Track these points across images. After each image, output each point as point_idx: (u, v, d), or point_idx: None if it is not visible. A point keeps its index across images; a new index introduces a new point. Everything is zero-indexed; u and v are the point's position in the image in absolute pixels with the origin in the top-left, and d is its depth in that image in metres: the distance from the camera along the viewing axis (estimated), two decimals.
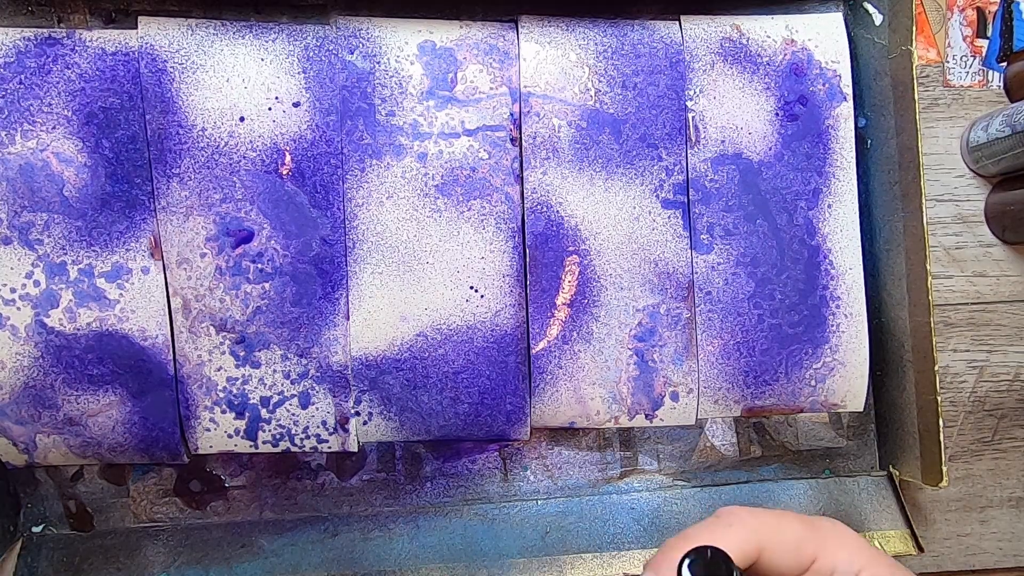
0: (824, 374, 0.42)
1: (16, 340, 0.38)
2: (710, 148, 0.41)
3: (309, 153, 0.39)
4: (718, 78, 0.41)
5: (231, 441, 0.40)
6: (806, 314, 0.41)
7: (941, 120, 0.45)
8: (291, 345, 0.39)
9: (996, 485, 0.45)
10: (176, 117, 0.38)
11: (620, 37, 0.41)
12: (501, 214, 0.40)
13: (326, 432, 0.40)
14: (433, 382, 0.40)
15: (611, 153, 0.40)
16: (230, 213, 0.39)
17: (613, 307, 0.41)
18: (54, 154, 0.38)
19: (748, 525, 0.26)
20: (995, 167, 0.43)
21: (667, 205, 0.41)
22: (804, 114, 0.41)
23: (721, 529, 0.26)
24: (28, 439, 0.39)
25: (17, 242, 0.38)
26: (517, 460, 0.43)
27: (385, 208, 0.40)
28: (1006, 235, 0.45)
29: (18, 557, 0.40)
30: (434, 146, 0.40)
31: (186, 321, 0.39)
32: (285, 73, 0.39)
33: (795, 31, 0.42)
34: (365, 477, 0.43)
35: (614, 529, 0.42)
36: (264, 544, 0.41)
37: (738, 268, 0.41)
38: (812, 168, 0.41)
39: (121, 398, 0.39)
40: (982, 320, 0.45)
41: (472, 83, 0.40)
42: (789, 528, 0.27)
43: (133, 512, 0.42)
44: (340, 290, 0.39)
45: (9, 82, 0.37)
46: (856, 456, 0.45)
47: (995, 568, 0.45)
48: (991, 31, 0.45)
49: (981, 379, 0.45)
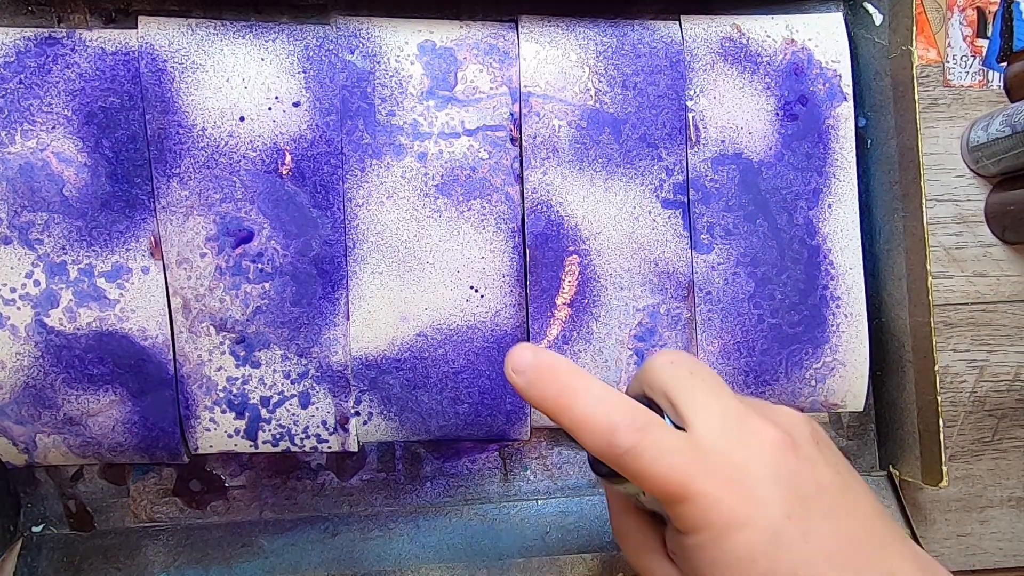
0: (824, 374, 0.42)
1: (16, 340, 0.38)
2: (710, 148, 0.41)
3: (309, 153, 0.39)
4: (718, 78, 0.41)
5: (231, 441, 0.40)
6: (806, 314, 0.41)
7: (941, 120, 0.45)
8: (291, 345, 0.39)
9: (996, 485, 0.45)
10: (176, 117, 0.38)
11: (620, 37, 0.41)
12: (501, 214, 0.40)
13: (326, 432, 0.40)
14: (433, 382, 0.40)
15: (611, 153, 0.40)
16: (230, 213, 0.39)
17: (613, 307, 0.41)
18: (54, 154, 0.38)
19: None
20: (995, 167, 0.43)
21: (667, 205, 0.41)
22: (804, 114, 0.41)
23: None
24: (28, 439, 0.39)
25: (17, 242, 0.38)
26: (517, 460, 0.43)
27: (385, 208, 0.40)
28: (1006, 235, 0.45)
29: (18, 557, 0.40)
30: (434, 146, 0.40)
31: (186, 321, 0.39)
32: (285, 73, 0.39)
33: (795, 31, 0.42)
34: (365, 477, 0.43)
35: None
36: (264, 544, 0.41)
37: (738, 268, 0.41)
38: (812, 168, 0.41)
39: (121, 398, 0.39)
40: (982, 320, 0.45)
41: (472, 83, 0.40)
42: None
43: (133, 512, 0.42)
44: (340, 290, 0.39)
45: (9, 82, 0.37)
46: (856, 456, 0.45)
47: (995, 568, 0.45)
48: (991, 31, 0.45)
49: (981, 379, 0.45)
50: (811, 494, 0.26)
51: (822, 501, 0.26)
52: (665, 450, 0.26)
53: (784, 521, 0.25)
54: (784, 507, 0.26)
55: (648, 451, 0.26)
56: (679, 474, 0.26)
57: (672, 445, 0.26)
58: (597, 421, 0.27)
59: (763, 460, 0.26)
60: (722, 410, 0.27)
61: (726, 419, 0.27)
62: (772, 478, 0.26)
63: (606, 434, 0.26)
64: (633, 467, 0.26)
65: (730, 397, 0.28)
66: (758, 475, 0.26)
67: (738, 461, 0.26)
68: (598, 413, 0.27)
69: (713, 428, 0.27)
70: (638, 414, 0.27)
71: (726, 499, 0.25)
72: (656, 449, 0.26)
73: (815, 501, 0.26)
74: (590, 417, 0.27)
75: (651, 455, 0.26)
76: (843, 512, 0.26)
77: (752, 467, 0.26)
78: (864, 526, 0.27)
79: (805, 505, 0.26)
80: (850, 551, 0.26)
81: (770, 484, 0.26)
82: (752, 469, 0.26)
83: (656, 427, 0.26)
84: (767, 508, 0.25)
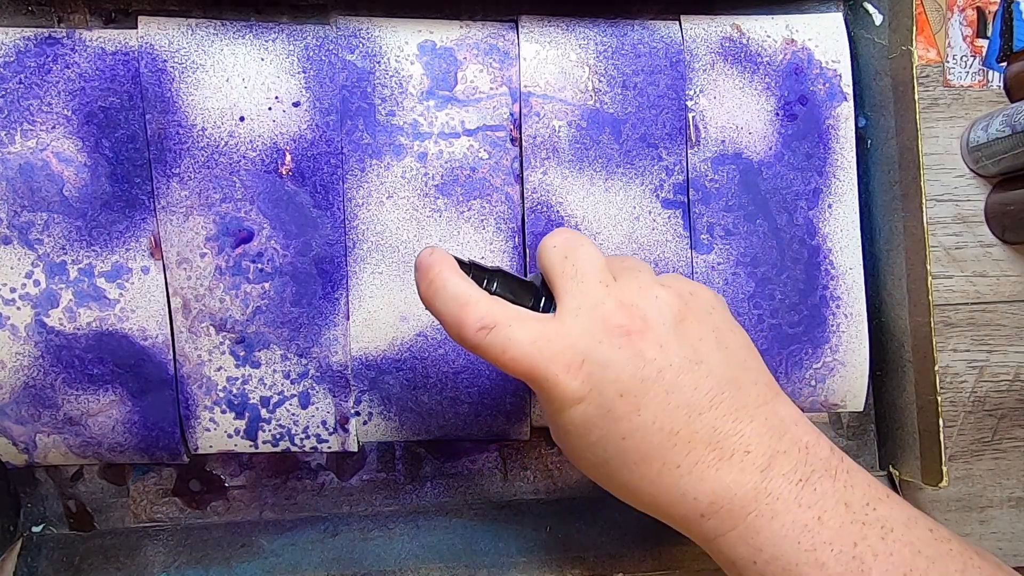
0: (824, 374, 0.42)
1: (16, 340, 0.38)
2: (710, 148, 0.41)
3: (309, 153, 0.39)
4: (718, 78, 0.41)
5: (231, 441, 0.40)
6: (806, 314, 0.41)
7: (941, 120, 0.45)
8: (291, 345, 0.39)
9: (996, 485, 0.45)
10: (176, 117, 0.38)
11: (620, 37, 0.41)
12: (501, 214, 0.40)
13: (326, 432, 0.40)
14: (433, 382, 0.40)
15: (611, 153, 0.40)
16: (230, 213, 0.39)
17: None
18: (54, 154, 0.38)
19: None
20: (995, 167, 0.43)
21: (667, 205, 0.41)
22: (804, 114, 0.41)
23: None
24: (28, 439, 0.39)
25: (17, 242, 0.38)
26: (517, 460, 0.43)
27: (385, 208, 0.40)
28: (1006, 235, 0.45)
29: (18, 557, 0.40)
30: (434, 146, 0.40)
31: (186, 321, 0.39)
32: (285, 73, 0.39)
33: (795, 31, 0.42)
34: (365, 477, 0.43)
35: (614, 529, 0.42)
36: (264, 544, 0.41)
37: (738, 268, 0.41)
38: (812, 168, 0.41)
39: (121, 398, 0.39)
40: (982, 320, 0.45)
41: (472, 83, 0.40)
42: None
43: (133, 512, 0.42)
44: (340, 290, 0.39)
45: (9, 82, 0.37)
46: (856, 456, 0.45)
47: None
48: (991, 31, 0.45)
49: (981, 379, 0.45)
50: (650, 375, 0.29)
51: (663, 378, 0.29)
52: (509, 345, 0.29)
53: (616, 399, 0.29)
54: (617, 387, 0.29)
55: (493, 348, 0.29)
56: (523, 364, 0.29)
57: (519, 337, 0.29)
58: (449, 317, 0.30)
59: (604, 345, 0.29)
60: (580, 296, 0.30)
61: (580, 306, 0.30)
62: (608, 361, 0.29)
63: (458, 326, 0.30)
64: (485, 355, 0.30)
65: (594, 283, 0.31)
66: (597, 359, 0.29)
67: (581, 346, 0.29)
68: (451, 310, 0.30)
69: (567, 313, 0.30)
70: (486, 315, 0.30)
71: (563, 380, 0.29)
72: (500, 347, 0.29)
73: (654, 380, 0.29)
74: (445, 313, 0.30)
75: (495, 352, 0.29)
76: (689, 384, 0.29)
77: (593, 352, 0.29)
78: (709, 396, 0.30)
79: (643, 385, 0.29)
80: (685, 418, 0.29)
81: (605, 367, 0.29)
82: (592, 354, 0.29)
83: (503, 326, 0.29)
84: (601, 387, 0.29)
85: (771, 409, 0.31)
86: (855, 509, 0.29)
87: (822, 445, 0.31)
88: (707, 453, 0.29)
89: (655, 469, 0.30)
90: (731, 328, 0.32)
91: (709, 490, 0.29)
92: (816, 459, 0.30)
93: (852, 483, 0.30)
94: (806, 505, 0.29)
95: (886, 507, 0.30)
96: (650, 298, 0.31)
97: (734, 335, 0.32)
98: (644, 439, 0.29)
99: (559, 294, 0.31)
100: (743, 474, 0.29)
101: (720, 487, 0.29)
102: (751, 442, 0.29)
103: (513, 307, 0.31)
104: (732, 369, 0.31)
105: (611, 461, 0.30)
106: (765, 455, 0.29)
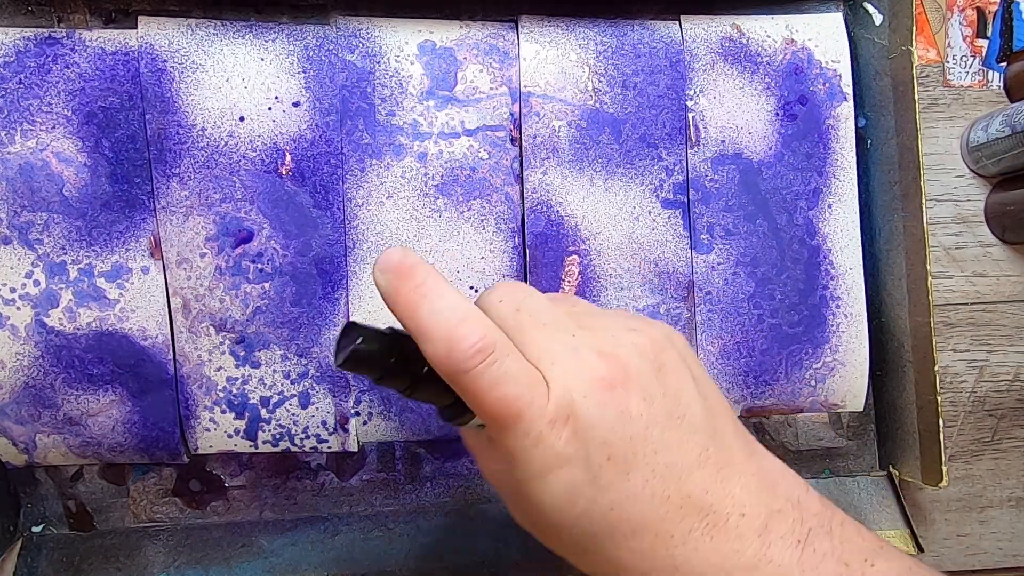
0: (824, 374, 0.42)
1: (16, 340, 0.38)
2: (710, 148, 0.41)
3: (309, 153, 0.39)
4: (718, 78, 0.41)
5: (231, 441, 0.40)
6: (806, 314, 0.41)
7: (941, 120, 0.45)
8: (291, 345, 0.39)
9: (996, 485, 0.45)
10: (176, 117, 0.38)
11: (620, 37, 0.41)
12: (501, 214, 0.40)
13: (326, 432, 0.40)
14: None
15: (611, 153, 0.40)
16: (230, 213, 0.39)
17: (613, 307, 0.41)
18: (54, 154, 0.38)
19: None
20: (995, 167, 0.43)
21: (667, 205, 0.41)
22: (804, 114, 0.41)
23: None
24: (28, 439, 0.39)
25: (17, 242, 0.38)
26: None
27: (385, 208, 0.40)
28: (1006, 235, 0.45)
29: (18, 557, 0.40)
30: (434, 146, 0.40)
31: (186, 321, 0.39)
32: (285, 73, 0.39)
33: (795, 31, 0.42)
34: (365, 477, 0.43)
35: None
36: (264, 544, 0.41)
37: (738, 268, 0.41)
38: (812, 168, 0.41)
39: (121, 398, 0.39)
40: (982, 320, 0.45)
41: (472, 83, 0.40)
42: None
43: (133, 512, 0.42)
44: (340, 290, 0.39)
45: (9, 82, 0.37)
46: (856, 456, 0.45)
47: (995, 568, 0.45)
48: (991, 31, 0.45)
49: (981, 379, 0.45)
50: (638, 433, 0.26)
51: (650, 436, 0.26)
52: (503, 381, 0.25)
53: (604, 463, 0.26)
54: (605, 450, 0.26)
55: (481, 379, 0.25)
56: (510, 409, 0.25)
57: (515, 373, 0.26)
58: (444, 327, 0.26)
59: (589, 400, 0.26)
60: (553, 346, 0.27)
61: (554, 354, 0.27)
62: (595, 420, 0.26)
63: (449, 341, 0.25)
64: (470, 385, 0.25)
65: (562, 331, 0.28)
66: (583, 416, 0.26)
67: (566, 400, 0.26)
68: (447, 320, 0.26)
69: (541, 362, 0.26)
70: (486, 335, 0.26)
71: (548, 438, 0.26)
72: (491, 380, 0.25)
73: (642, 440, 0.26)
74: (437, 321, 0.26)
75: (481, 384, 0.25)
76: (675, 442, 0.27)
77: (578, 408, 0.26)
78: (696, 454, 0.27)
79: (631, 445, 0.26)
80: (676, 481, 0.26)
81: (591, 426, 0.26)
82: (578, 410, 0.26)
83: (501, 355, 0.26)
84: (588, 449, 0.26)
85: (757, 463, 0.28)
86: (854, 567, 0.27)
87: (812, 497, 0.29)
88: (700, 520, 0.27)
89: (647, 542, 0.26)
90: (703, 374, 0.30)
91: (705, 562, 0.26)
92: (810, 515, 0.28)
93: (846, 537, 0.28)
94: (809, 569, 0.27)
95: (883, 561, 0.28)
96: (627, 345, 0.28)
97: (707, 382, 0.30)
98: (635, 508, 0.26)
99: (525, 346, 0.27)
100: (741, 541, 0.27)
101: (718, 559, 0.27)
102: (744, 502, 0.27)
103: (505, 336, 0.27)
104: (712, 421, 0.28)
105: (597, 536, 0.27)
106: (760, 516, 0.27)
